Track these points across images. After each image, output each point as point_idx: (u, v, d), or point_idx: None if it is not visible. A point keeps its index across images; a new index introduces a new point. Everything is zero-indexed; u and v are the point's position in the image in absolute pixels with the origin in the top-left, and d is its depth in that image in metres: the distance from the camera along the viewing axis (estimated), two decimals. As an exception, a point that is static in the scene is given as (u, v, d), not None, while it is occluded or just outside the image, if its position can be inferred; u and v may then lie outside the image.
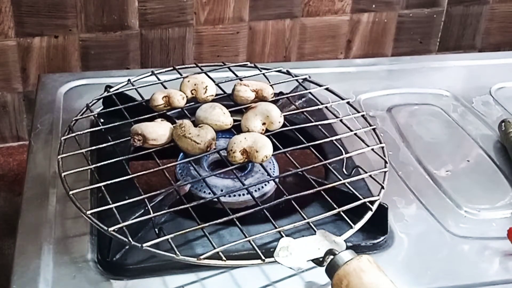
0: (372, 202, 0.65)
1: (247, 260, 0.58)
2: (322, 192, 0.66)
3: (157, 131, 0.68)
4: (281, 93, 0.81)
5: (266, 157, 0.67)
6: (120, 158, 0.67)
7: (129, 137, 0.68)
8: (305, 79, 0.84)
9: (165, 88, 0.77)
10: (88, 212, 0.60)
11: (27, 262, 0.62)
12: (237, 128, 0.71)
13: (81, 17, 1.09)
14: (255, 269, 0.62)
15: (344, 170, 0.70)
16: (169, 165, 0.68)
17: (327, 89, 0.82)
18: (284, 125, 0.72)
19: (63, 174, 0.64)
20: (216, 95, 0.77)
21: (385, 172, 0.69)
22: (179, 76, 0.80)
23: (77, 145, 0.69)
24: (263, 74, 0.83)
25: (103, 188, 0.63)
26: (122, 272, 0.61)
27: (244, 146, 0.67)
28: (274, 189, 0.70)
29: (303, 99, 0.83)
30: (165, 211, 0.63)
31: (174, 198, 0.66)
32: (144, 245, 0.57)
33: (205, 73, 0.80)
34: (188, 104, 0.75)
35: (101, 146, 0.70)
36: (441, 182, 0.76)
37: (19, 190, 0.75)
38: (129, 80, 0.81)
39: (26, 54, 1.12)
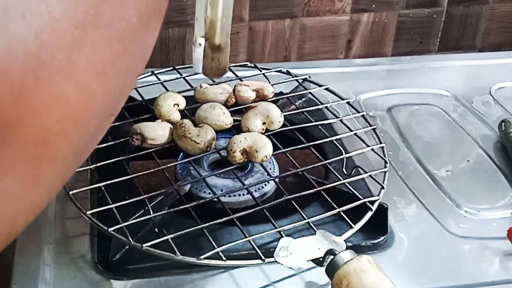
0: (372, 202, 0.65)
1: (247, 260, 0.58)
2: (322, 192, 0.66)
3: (156, 131, 0.68)
4: (281, 93, 0.81)
5: (266, 157, 0.66)
6: (120, 158, 0.67)
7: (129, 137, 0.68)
8: (305, 79, 0.84)
9: (166, 89, 0.77)
10: (88, 212, 0.60)
11: (27, 262, 0.62)
12: (237, 128, 0.71)
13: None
14: (255, 269, 0.62)
15: (344, 170, 0.70)
16: (169, 165, 0.68)
17: (327, 89, 0.82)
18: (284, 125, 0.72)
19: (63, 174, 0.64)
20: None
21: (385, 172, 0.69)
22: (179, 76, 0.80)
23: (77, 145, 0.69)
24: (263, 74, 0.83)
25: (103, 188, 0.63)
26: (122, 272, 0.61)
27: (244, 146, 0.67)
28: (274, 189, 0.70)
29: (303, 99, 0.83)
30: (165, 211, 0.63)
31: (174, 198, 0.66)
32: (144, 245, 0.57)
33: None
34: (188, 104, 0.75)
35: (101, 146, 0.70)
36: (441, 182, 0.76)
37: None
38: (129, 80, 0.81)
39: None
